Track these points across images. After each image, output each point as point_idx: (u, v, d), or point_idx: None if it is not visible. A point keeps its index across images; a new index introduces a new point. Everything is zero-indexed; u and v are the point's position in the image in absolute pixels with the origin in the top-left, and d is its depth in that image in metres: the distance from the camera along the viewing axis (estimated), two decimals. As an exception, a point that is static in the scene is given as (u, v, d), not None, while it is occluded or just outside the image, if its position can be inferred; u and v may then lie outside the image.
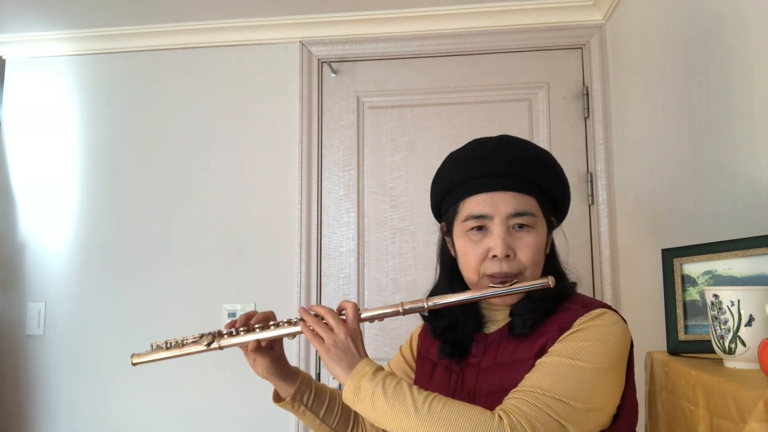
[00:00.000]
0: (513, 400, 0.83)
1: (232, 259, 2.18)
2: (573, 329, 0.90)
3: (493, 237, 0.94)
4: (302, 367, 2.08)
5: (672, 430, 0.95)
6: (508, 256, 0.94)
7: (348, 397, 0.88)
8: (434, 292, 1.05)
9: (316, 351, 0.94)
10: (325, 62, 2.24)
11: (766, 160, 1.07)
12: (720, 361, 0.89)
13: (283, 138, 2.21)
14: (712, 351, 0.89)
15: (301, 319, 0.95)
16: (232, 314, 2.12)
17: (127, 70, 2.33)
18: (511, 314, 0.98)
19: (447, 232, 1.04)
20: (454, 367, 1.03)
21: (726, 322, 0.84)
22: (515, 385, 0.87)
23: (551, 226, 1.02)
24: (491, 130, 2.13)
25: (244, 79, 2.26)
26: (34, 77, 2.37)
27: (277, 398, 1.08)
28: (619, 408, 0.90)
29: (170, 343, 1.01)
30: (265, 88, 2.24)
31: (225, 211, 2.20)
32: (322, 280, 2.16)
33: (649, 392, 1.07)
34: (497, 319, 1.02)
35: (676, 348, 1.02)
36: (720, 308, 0.85)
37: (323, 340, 0.91)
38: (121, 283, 2.22)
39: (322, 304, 0.98)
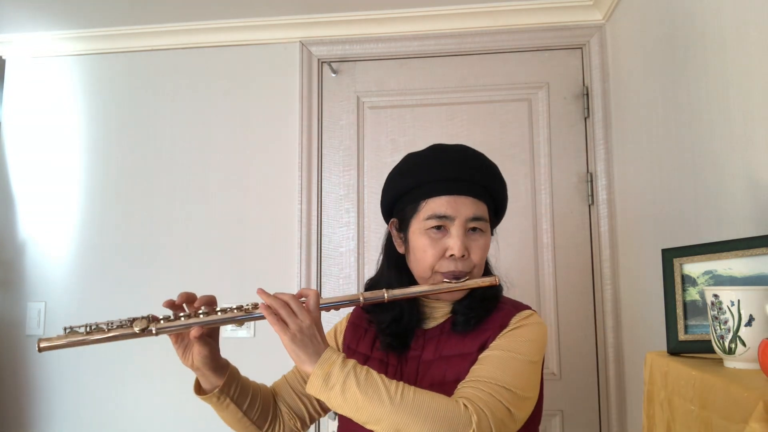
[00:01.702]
0: (470, 389, 0.90)
1: (232, 259, 2.17)
2: (511, 327, 1.00)
3: (453, 237, 1.01)
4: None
5: (671, 431, 0.95)
6: (463, 255, 1.02)
7: (315, 385, 0.87)
8: (375, 285, 1.08)
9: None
10: (325, 62, 2.24)
11: (765, 160, 1.07)
12: (720, 361, 0.89)
13: (283, 138, 2.21)
14: (712, 351, 0.89)
15: (258, 305, 0.93)
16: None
17: (127, 70, 2.33)
18: (453, 312, 1.05)
19: (400, 228, 1.09)
20: (390, 360, 1.06)
21: (726, 322, 0.84)
22: (457, 377, 0.95)
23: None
24: (491, 130, 2.14)
25: (244, 79, 2.26)
26: (34, 77, 2.37)
27: (199, 390, 1.04)
28: None
29: (91, 327, 0.91)
30: (265, 88, 2.24)
31: (225, 211, 2.20)
32: (322, 280, 2.16)
33: (649, 392, 1.07)
34: (436, 316, 1.08)
35: (676, 348, 1.02)
36: (720, 308, 0.84)
37: (287, 325, 0.89)
38: (120, 282, 2.22)
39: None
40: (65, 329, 0.92)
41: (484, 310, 1.03)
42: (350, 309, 1.18)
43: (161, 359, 2.12)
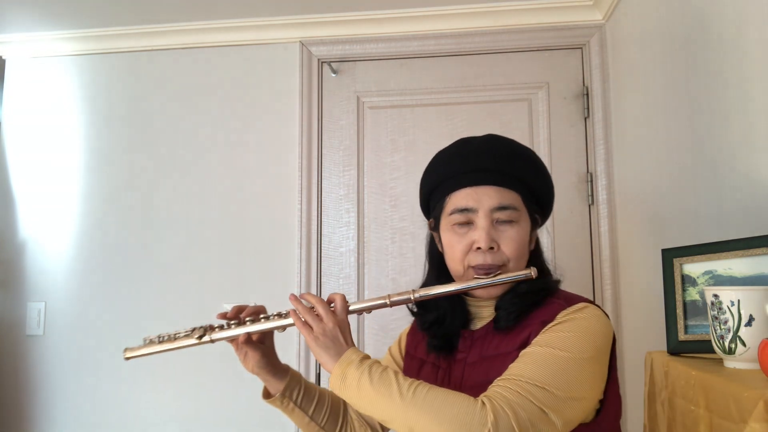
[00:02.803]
0: (496, 387, 0.85)
1: (232, 259, 2.17)
2: (556, 321, 0.91)
3: (478, 229, 0.97)
4: (302, 366, 2.08)
5: (672, 430, 0.95)
6: (491, 248, 0.97)
7: (335, 384, 0.89)
8: (424, 287, 1.06)
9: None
10: (325, 62, 2.24)
11: (765, 159, 1.07)
12: (720, 361, 0.89)
13: (283, 138, 2.21)
14: (712, 351, 0.89)
15: (293, 310, 0.97)
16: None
17: (127, 70, 2.33)
18: (496, 308, 1.00)
19: (434, 227, 1.07)
20: (441, 363, 1.04)
21: (726, 322, 0.84)
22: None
23: (535, 223, 1.04)
24: (491, 130, 2.11)
25: (244, 79, 2.26)
26: (34, 77, 2.37)
27: (267, 395, 1.09)
28: (601, 402, 0.92)
29: (163, 337, 1.03)
30: (265, 88, 2.24)
31: (225, 211, 2.20)
32: (322, 280, 2.16)
33: (649, 392, 1.07)
34: (483, 316, 1.03)
35: (676, 348, 1.02)
36: (720, 308, 0.84)
37: (312, 328, 0.93)
38: (121, 282, 2.22)
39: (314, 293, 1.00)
40: (144, 339, 1.05)
41: (526, 305, 0.96)
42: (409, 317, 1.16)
43: (161, 358, 2.12)
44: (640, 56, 1.76)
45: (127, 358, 1.04)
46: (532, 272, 0.94)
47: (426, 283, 1.08)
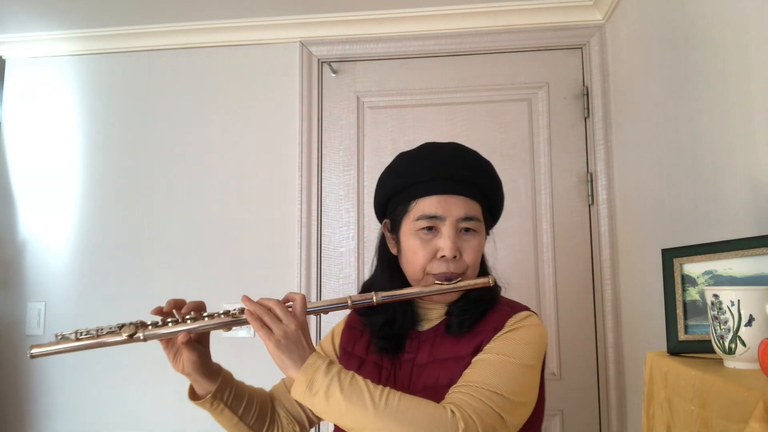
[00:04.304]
0: (459, 394, 0.87)
1: (232, 259, 2.17)
2: (505, 329, 0.97)
3: (444, 238, 0.99)
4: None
5: (671, 431, 0.95)
6: (455, 257, 0.99)
7: (299, 391, 0.86)
8: (369, 287, 1.06)
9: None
10: (325, 62, 2.24)
11: (766, 159, 1.07)
12: (720, 361, 0.89)
13: (283, 138, 2.21)
14: (712, 351, 0.89)
15: (248, 310, 0.91)
16: (232, 314, 2.12)
17: (127, 70, 2.33)
18: (448, 313, 1.03)
19: (392, 229, 1.07)
20: (384, 363, 1.04)
21: (726, 322, 0.84)
22: (450, 381, 0.92)
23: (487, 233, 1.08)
24: (491, 130, 2.14)
25: (244, 79, 2.26)
26: (34, 77, 2.37)
27: (194, 396, 1.04)
28: None
29: (81, 333, 0.91)
30: (265, 88, 2.24)
31: (225, 211, 2.20)
32: (322, 280, 2.16)
33: (648, 392, 1.07)
34: (431, 318, 1.05)
35: (676, 348, 1.02)
36: (720, 308, 0.84)
37: (271, 331, 0.88)
38: (121, 283, 2.22)
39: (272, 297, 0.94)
40: (56, 336, 0.91)
41: (479, 312, 1.00)
42: (347, 312, 1.16)
43: (161, 357, 2.12)
44: (640, 56, 1.76)
45: (33, 356, 0.90)
46: (491, 281, 0.99)
47: (376, 284, 1.06)
